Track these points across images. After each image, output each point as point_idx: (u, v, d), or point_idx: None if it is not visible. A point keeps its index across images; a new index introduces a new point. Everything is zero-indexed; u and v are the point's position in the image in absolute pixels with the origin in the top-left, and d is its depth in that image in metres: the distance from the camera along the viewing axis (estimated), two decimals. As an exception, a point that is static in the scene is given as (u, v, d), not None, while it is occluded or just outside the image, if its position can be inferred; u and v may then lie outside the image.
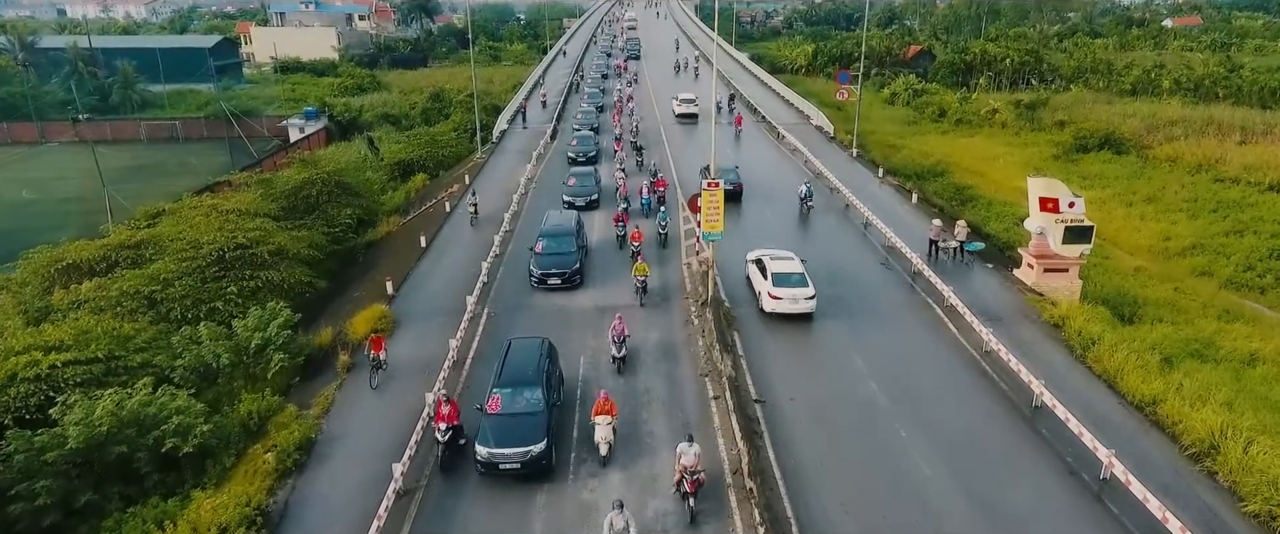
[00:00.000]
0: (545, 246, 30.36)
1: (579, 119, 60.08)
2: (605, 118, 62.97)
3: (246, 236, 32.77)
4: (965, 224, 33.35)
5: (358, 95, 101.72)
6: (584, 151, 49.13)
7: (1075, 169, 60.90)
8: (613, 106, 65.35)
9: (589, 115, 60.80)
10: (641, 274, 28.00)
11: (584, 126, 57.23)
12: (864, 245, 34.01)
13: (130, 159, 74.11)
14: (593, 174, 42.77)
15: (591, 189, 40.62)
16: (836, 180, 41.63)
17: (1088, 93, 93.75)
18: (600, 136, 54.74)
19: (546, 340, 22.13)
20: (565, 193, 40.25)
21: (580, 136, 52.66)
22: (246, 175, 45.34)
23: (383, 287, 30.28)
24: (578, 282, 29.60)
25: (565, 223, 32.39)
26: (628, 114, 60.85)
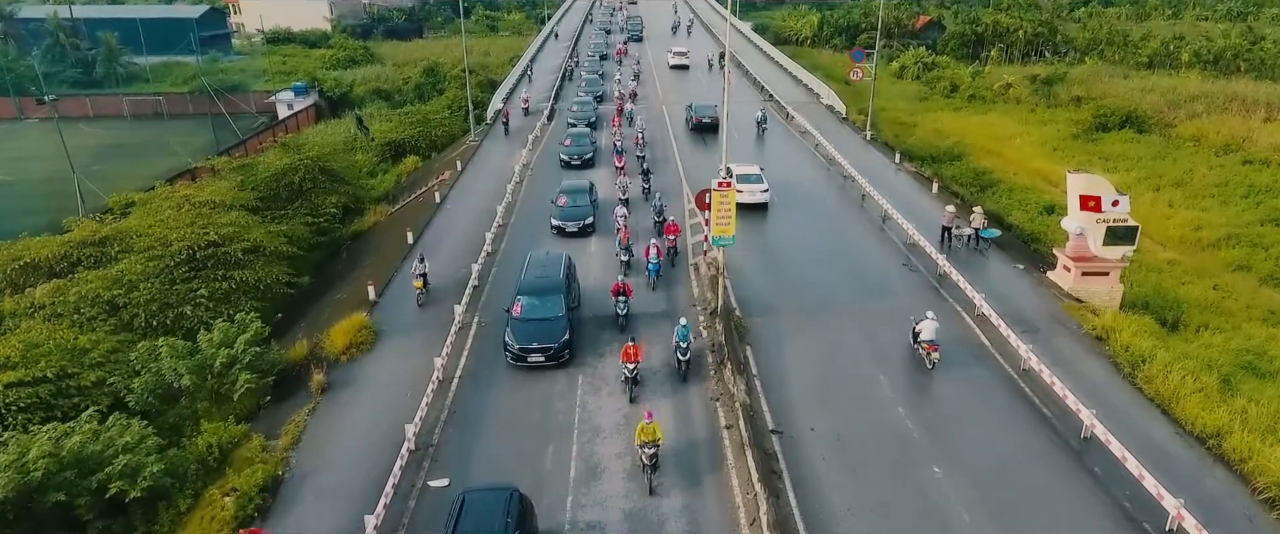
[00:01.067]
0: (525, 308, 23.30)
1: (574, 112, 52.51)
2: (605, 108, 55.82)
3: (219, 233, 30.41)
4: (982, 210, 31.91)
5: (350, 68, 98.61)
6: (579, 153, 42.11)
7: (1096, 149, 58.33)
8: (611, 106, 55.22)
9: (586, 107, 53.36)
10: (649, 439, 17.67)
11: (580, 120, 50.49)
12: (882, 242, 31.64)
13: (112, 137, 71.36)
14: (587, 192, 34.18)
15: (585, 212, 32.88)
16: (852, 168, 39.13)
17: (1103, 65, 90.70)
18: (598, 132, 48.83)
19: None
20: (554, 216, 32.79)
21: (575, 134, 44.97)
22: (225, 160, 42.84)
23: (366, 288, 28.05)
24: (566, 357, 22.75)
25: (551, 272, 24.93)
26: (629, 121, 49.48)
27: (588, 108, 53.34)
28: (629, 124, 48.58)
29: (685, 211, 33.57)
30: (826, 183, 39.29)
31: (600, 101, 57.57)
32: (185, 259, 29.37)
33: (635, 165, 39.64)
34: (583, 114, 51.77)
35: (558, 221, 32.43)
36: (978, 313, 24.73)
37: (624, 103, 54.06)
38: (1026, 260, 31.26)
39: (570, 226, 32.17)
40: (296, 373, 23.42)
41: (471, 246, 30.87)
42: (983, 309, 24.43)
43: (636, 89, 60.35)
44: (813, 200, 36.76)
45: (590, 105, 54.26)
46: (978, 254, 30.28)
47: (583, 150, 42.50)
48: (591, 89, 60.50)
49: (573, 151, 42.35)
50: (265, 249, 30.99)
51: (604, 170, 41.02)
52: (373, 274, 30.28)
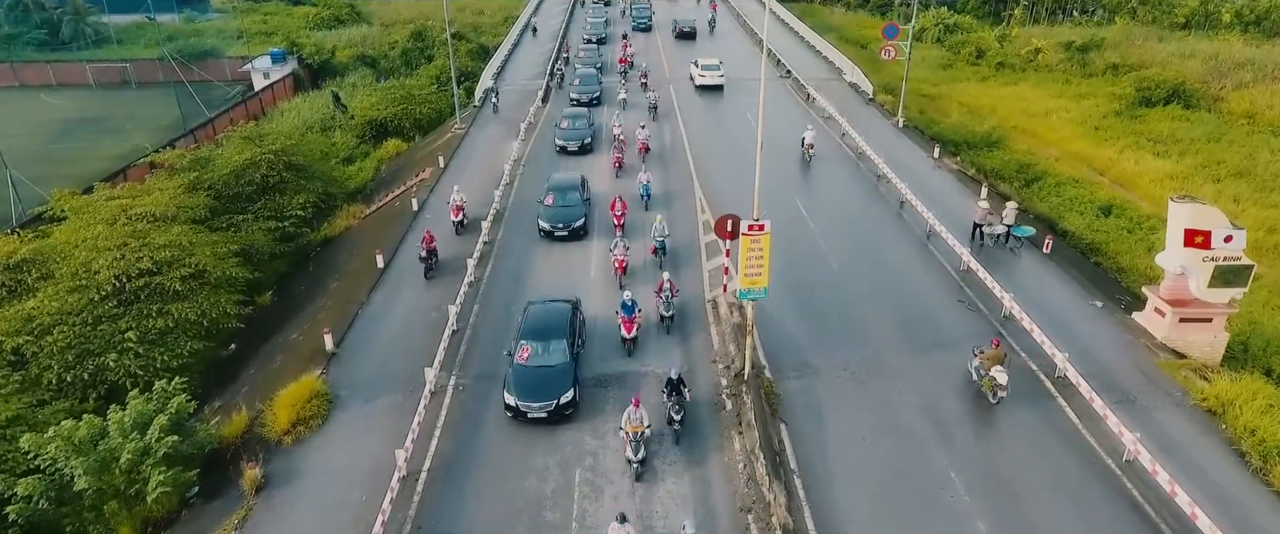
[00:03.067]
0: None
1: (566, 127, 39.46)
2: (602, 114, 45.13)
3: (154, 258, 25.90)
4: (1015, 205, 29.52)
5: (335, 28, 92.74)
6: (566, 220, 29.12)
7: (1141, 128, 53.33)
8: (610, 144, 38.37)
9: (578, 128, 39.58)
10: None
11: (569, 144, 38.81)
12: (929, 265, 27.07)
13: (75, 108, 66.27)
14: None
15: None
16: (885, 165, 34.38)
17: (1135, 26, 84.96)
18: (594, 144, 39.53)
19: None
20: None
21: (558, 185, 30.62)
22: (176, 155, 38.02)
23: (324, 330, 23.66)
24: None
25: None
26: (642, 192, 31.60)
27: (580, 128, 40.13)
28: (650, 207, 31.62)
29: (698, 227, 29.13)
30: (857, 183, 34.59)
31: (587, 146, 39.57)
32: (113, 291, 24.95)
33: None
34: (576, 131, 39.59)
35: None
36: (1059, 375, 20.38)
37: (623, 148, 37.26)
38: (1090, 279, 26.89)
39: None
40: (232, 454, 19.18)
41: (450, 275, 26.44)
42: (1065, 370, 20.07)
43: (648, 131, 38.65)
44: (844, 207, 32.17)
45: (582, 123, 40.48)
46: (1009, 252, 28.06)
47: (570, 218, 29.55)
48: (574, 133, 39.64)
49: (553, 218, 29.56)
50: (211, 276, 26.50)
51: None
52: (334, 306, 25.93)
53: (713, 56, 53.02)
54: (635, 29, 71.85)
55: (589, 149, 38.96)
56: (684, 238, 28.85)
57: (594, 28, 69.32)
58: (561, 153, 38.74)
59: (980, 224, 28.47)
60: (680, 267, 26.62)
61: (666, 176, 34.92)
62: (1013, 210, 28.97)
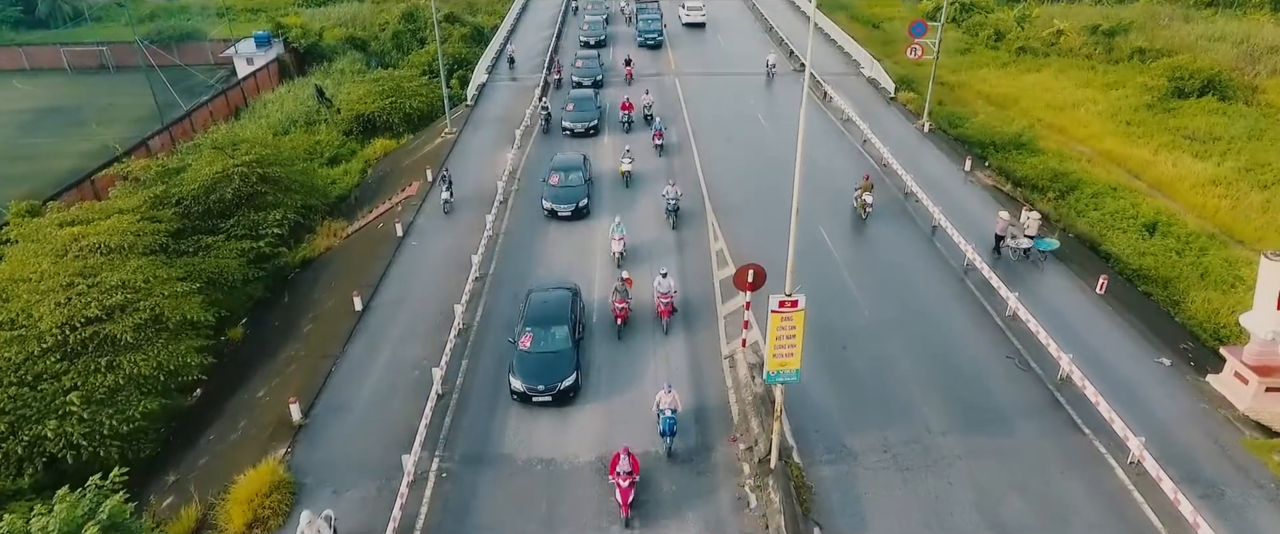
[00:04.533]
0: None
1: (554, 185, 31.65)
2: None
3: (104, 304, 23.07)
4: (1038, 214, 28.01)
5: (324, 4, 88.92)
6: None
7: (1175, 123, 50.28)
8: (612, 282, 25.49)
9: (572, 186, 31.61)
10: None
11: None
12: (969, 308, 24.23)
13: (47, 96, 63.04)
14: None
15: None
16: (912, 179, 31.42)
17: (1160, 4, 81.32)
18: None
19: None
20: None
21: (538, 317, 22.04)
22: (142, 166, 35.01)
23: (308, 375, 21.03)
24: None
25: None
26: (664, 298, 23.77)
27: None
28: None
29: (712, 254, 26.32)
30: (883, 202, 31.59)
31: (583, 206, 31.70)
32: (56, 344, 22.19)
33: None
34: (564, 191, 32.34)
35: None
36: (1132, 461, 17.71)
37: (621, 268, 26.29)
38: (1149, 323, 24.11)
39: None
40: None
41: (437, 318, 23.70)
42: (1141, 457, 17.40)
43: (676, 195, 30.01)
44: (870, 233, 29.21)
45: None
46: (1034, 268, 26.64)
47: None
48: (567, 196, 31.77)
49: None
50: (169, 321, 23.70)
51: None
52: (306, 357, 23.19)
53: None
54: (643, 45, 57.21)
55: (585, 213, 30.73)
56: (697, 287, 26.07)
57: (592, 27, 59.76)
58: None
59: (1002, 236, 27.01)
60: (691, 316, 23.85)
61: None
62: (1035, 221, 27.36)
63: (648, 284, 24.33)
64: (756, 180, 33.47)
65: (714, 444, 18.73)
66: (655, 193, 31.72)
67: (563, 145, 37.85)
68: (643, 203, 31.92)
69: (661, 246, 28.25)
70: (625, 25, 65.02)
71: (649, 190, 32.76)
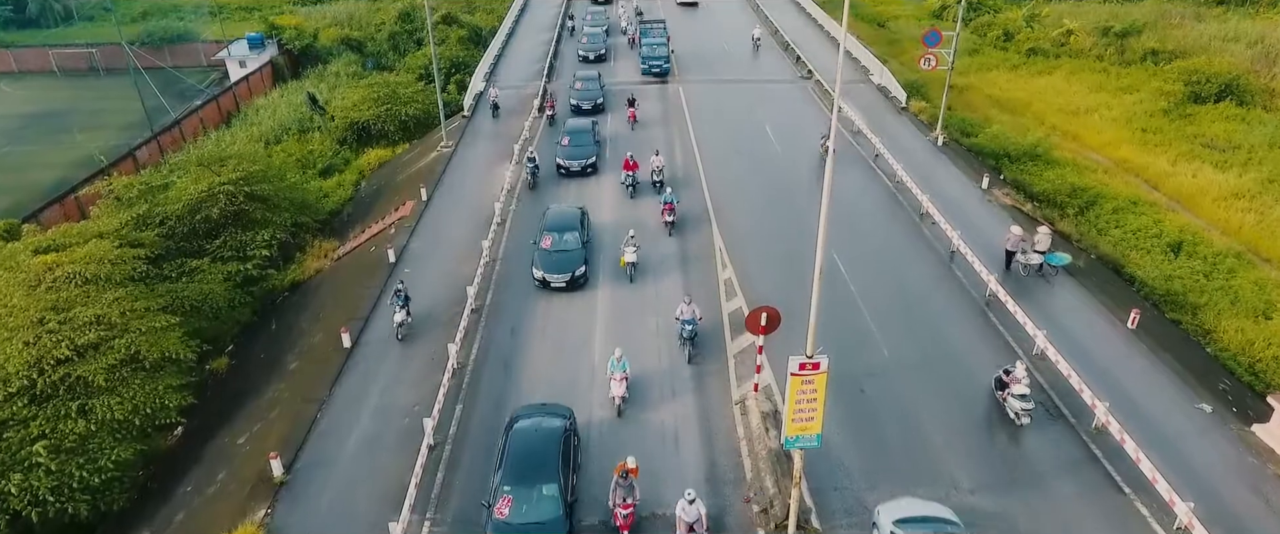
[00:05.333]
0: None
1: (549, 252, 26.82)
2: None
3: (76, 343, 21.72)
4: (1048, 230, 27.30)
5: (320, 2, 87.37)
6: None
7: (1192, 130, 48.97)
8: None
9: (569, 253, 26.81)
10: None
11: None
12: (1000, 351, 22.90)
13: (36, 100, 61.63)
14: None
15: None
16: (927, 199, 29.99)
17: (1170, 3, 79.78)
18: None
19: None
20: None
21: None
22: (124, 184, 33.54)
23: (291, 422, 19.73)
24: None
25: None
26: None
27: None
28: None
29: (720, 286, 24.97)
30: (898, 224, 30.14)
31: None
32: (23, 388, 20.86)
33: None
34: None
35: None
36: (1179, 527, 16.38)
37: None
38: (1184, 361, 22.76)
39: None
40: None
41: (429, 357, 22.38)
42: (1190, 526, 16.06)
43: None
44: (887, 259, 27.68)
45: None
46: (1046, 284, 26.00)
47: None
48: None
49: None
50: (146, 360, 22.37)
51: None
52: (290, 399, 21.88)
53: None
54: (649, 72, 49.07)
55: (582, 283, 26.03)
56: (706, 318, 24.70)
57: (592, 40, 54.67)
58: None
59: (1013, 251, 26.32)
60: (699, 347, 22.54)
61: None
62: (1046, 236, 26.64)
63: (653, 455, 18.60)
64: (765, 199, 32.20)
65: (729, 506, 17.39)
66: (664, 293, 25.19)
67: (555, 191, 33.12)
68: (650, 302, 25.07)
69: (673, 384, 21.37)
70: (628, 47, 56.33)
71: (656, 288, 25.73)
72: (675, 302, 23.17)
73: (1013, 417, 19.50)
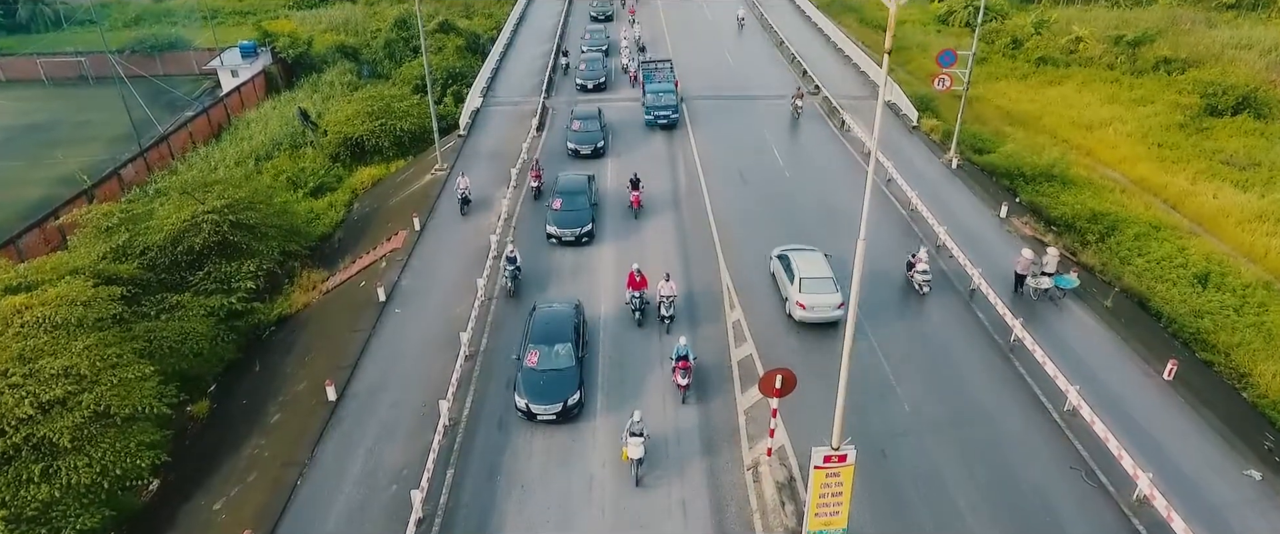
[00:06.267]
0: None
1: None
2: None
3: (41, 399, 20.25)
4: (1056, 251, 26.86)
5: (317, 6, 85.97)
6: None
7: (1210, 145, 47.65)
8: None
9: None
10: None
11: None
12: (1025, 405, 21.41)
13: (21, 112, 60.05)
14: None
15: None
16: (944, 232, 28.54)
17: (1180, 8, 78.41)
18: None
19: None
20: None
21: None
22: (103, 212, 32.10)
23: (270, 486, 18.30)
24: None
25: None
26: None
27: None
28: None
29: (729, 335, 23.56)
30: (909, 249, 28.82)
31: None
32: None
33: None
34: None
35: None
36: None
37: None
38: (1222, 415, 21.36)
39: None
40: None
41: (419, 412, 20.97)
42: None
43: None
44: (905, 299, 26.37)
45: None
46: (1054, 306, 25.74)
47: None
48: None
49: None
50: (117, 415, 20.95)
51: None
52: (270, 458, 20.48)
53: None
54: (654, 124, 41.28)
55: (575, 413, 21.08)
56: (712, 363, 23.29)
57: (590, 67, 49.28)
58: None
59: (1023, 275, 26.04)
60: (705, 384, 21.11)
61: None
62: (1054, 258, 26.17)
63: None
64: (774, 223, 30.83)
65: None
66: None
67: (543, 272, 27.94)
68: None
69: (680, 441, 19.84)
70: (630, 84, 49.36)
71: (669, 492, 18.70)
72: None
73: (916, 288, 24.64)
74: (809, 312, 23.83)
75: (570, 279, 27.53)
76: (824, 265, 24.86)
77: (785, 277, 25.23)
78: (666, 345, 23.11)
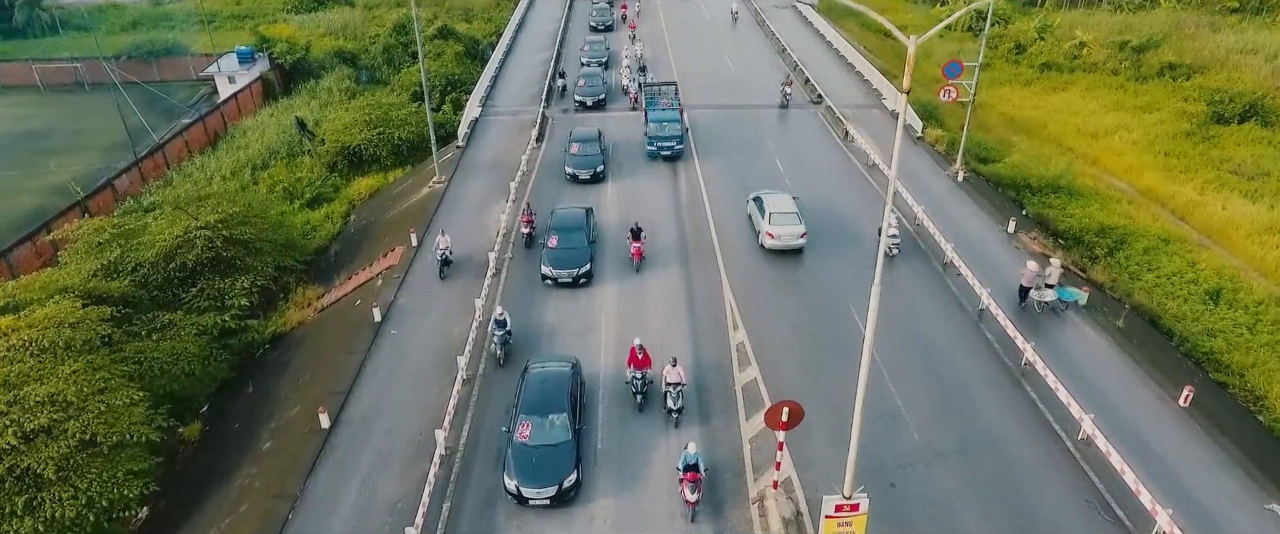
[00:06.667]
0: None
1: None
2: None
3: (26, 427, 19.67)
4: (1058, 263, 27.02)
5: (315, 10, 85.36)
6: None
7: (1217, 154, 47.14)
8: None
9: None
10: None
11: None
12: (1037, 431, 20.82)
13: (16, 119, 59.41)
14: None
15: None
16: (950, 249, 27.93)
17: (1183, 12, 77.89)
18: None
19: None
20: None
21: None
22: (95, 228, 31.47)
23: (259, 524, 17.73)
24: None
25: None
26: None
27: None
28: None
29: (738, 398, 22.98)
30: (923, 276, 28.13)
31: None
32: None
33: None
34: None
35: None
36: None
37: None
38: (1239, 442, 20.81)
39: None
40: None
41: (415, 439, 20.41)
42: None
43: None
44: (912, 320, 25.62)
45: None
46: (1054, 314, 25.70)
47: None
48: None
49: None
50: (103, 445, 20.38)
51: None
52: (262, 488, 19.92)
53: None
54: (657, 156, 37.74)
55: (571, 497, 18.95)
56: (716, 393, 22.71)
57: (589, 83, 47.00)
58: None
59: (1028, 287, 25.93)
60: (709, 426, 20.53)
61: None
62: (1057, 270, 26.19)
63: None
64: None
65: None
66: None
67: (536, 326, 25.18)
68: None
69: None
70: (630, 105, 46.06)
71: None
72: None
73: (886, 252, 22.42)
74: (777, 240, 28.67)
75: (568, 338, 24.45)
76: (790, 204, 29.45)
77: (758, 214, 29.83)
78: (673, 443, 19.92)
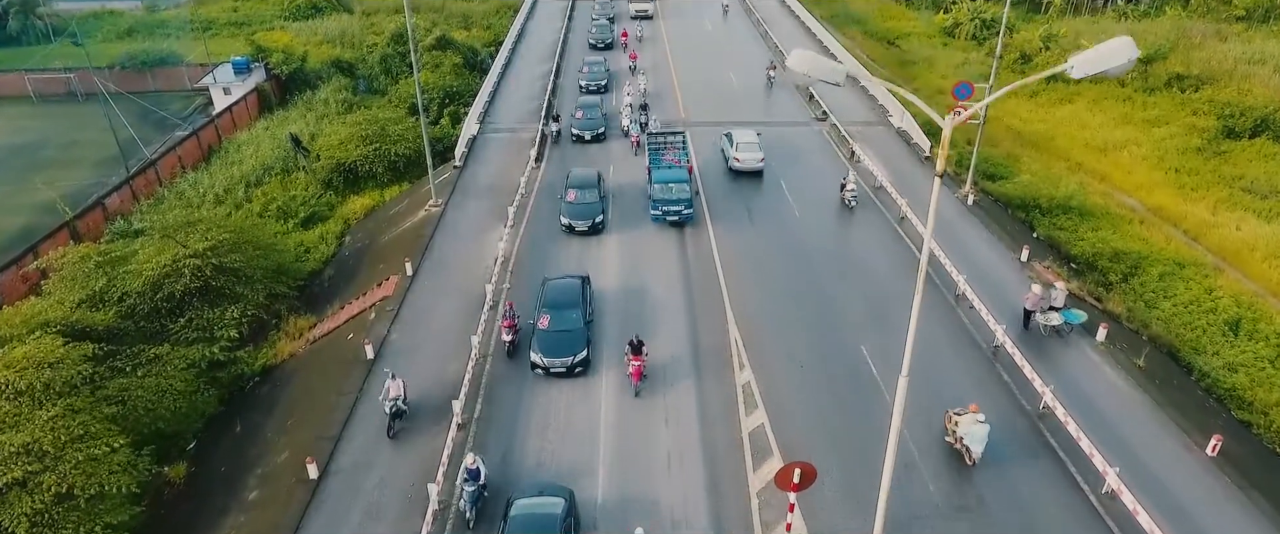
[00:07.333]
0: None
1: None
2: None
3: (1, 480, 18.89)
4: (1063, 286, 26.70)
5: (313, 17, 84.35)
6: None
7: (1229, 170, 46.25)
8: None
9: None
10: None
11: None
12: (1058, 483, 20.00)
13: (7, 131, 58.51)
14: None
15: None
16: (964, 283, 27.03)
17: (1189, 19, 77.06)
18: None
19: None
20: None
21: None
22: (81, 256, 30.54)
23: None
24: None
25: None
26: None
27: None
28: None
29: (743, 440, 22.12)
30: (934, 308, 27.28)
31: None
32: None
33: None
34: None
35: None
36: None
37: None
38: (1265, 482, 19.95)
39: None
40: None
41: (407, 492, 19.52)
42: None
43: None
44: (926, 357, 24.80)
45: None
46: (1063, 343, 25.37)
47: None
48: None
49: None
50: (80, 498, 19.47)
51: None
52: None
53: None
54: (662, 220, 32.51)
55: None
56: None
57: (588, 118, 43.08)
58: None
59: (1032, 311, 25.71)
60: (712, 474, 19.62)
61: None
62: (1062, 293, 25.96)
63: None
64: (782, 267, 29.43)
65: None
66: None
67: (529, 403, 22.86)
68: None
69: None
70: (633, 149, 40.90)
71: None
72: None
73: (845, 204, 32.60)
74: (742, 164, 37.12)
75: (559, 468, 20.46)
76: (753, 136, 38.05)
77: (728, 145, 38.39)
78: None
